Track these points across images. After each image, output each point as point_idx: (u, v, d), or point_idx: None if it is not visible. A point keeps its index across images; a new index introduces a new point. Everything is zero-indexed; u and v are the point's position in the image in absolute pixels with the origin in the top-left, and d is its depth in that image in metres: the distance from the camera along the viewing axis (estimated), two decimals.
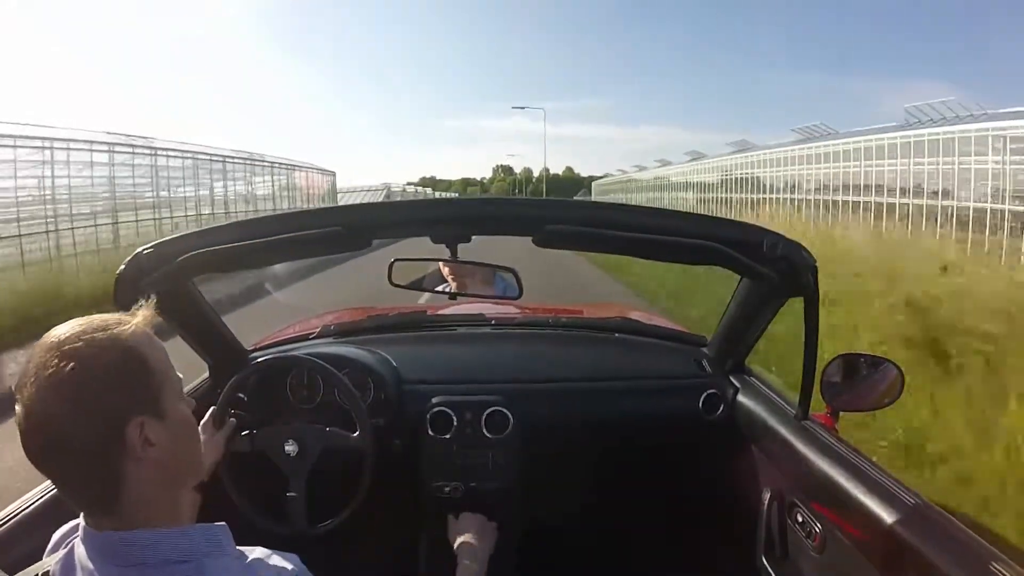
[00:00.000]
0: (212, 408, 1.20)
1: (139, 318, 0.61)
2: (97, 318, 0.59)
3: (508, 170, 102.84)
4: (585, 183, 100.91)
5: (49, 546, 0.66)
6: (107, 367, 0.56)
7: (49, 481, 0.93)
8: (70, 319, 0.59)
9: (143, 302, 0.63)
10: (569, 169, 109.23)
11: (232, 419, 1.21)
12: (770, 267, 1.01)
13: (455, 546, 1.18)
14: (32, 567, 0.63)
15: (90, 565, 0.58)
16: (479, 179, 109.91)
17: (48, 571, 0.62)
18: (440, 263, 1.56)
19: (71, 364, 0.54)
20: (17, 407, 0.55)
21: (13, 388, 0.56)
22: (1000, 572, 0.73)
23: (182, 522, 0.62)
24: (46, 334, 0.58)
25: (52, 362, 0.55)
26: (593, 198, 37.14)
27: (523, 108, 43.78)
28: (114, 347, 0.57)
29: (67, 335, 0.56)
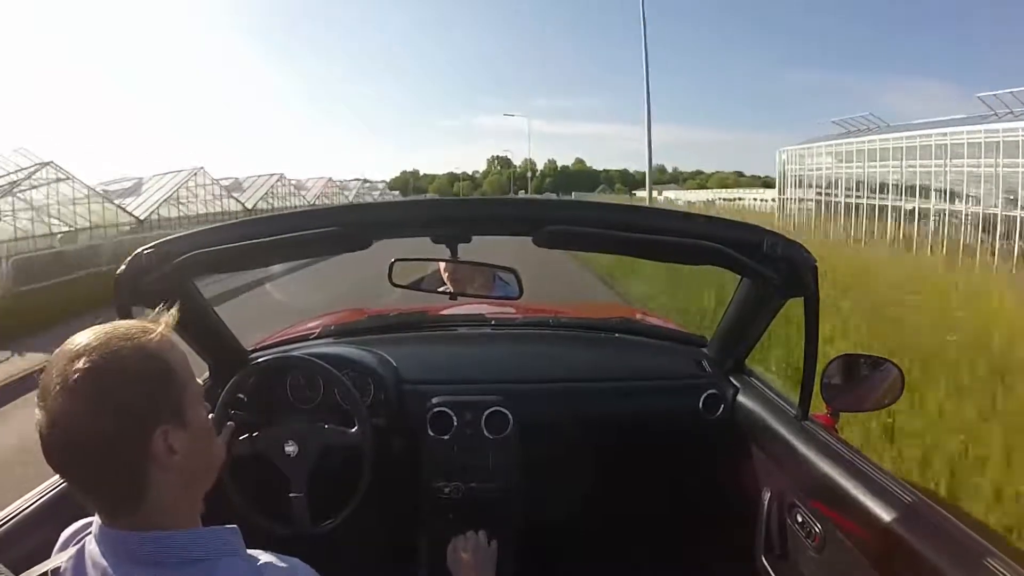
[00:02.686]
0: (212, 411, 1.20)
1: (162, 325, 0.61)
2: (120, 326, 0.59)
3: (505, 162, 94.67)
4: (602, 177, 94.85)
5: (58, 544, 0.67)
6: (133, 377, 0.56)
7: (53, 480, 0.94)
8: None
9: (162, 308, 0.63)
10: (580, 161, 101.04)
11: (231, 422, 1.21)
12: (770, 267, 1.01)
13: (453, 568, 1.18)
14: (42, 564, 0.63)
15: (103, 563, 0.58)
16: (470, 173, 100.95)
17: (58, 568, 0.62)
18: (440, 265, 1.56)
19: (97, 374, 0.54)
20: (39, 415, 0.55)
21: (36, 396, 0.56)
22: (999, 572, 0.73)
23: (196, 524, 0.63)
24: (67, 341, 0.57)
25: (77, 372, 0.54)
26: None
27: (514, 116, 39.58)
28: (140, 356, 0.57)
29: (91, 344, 0.56)
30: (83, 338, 0.57)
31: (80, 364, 0.55)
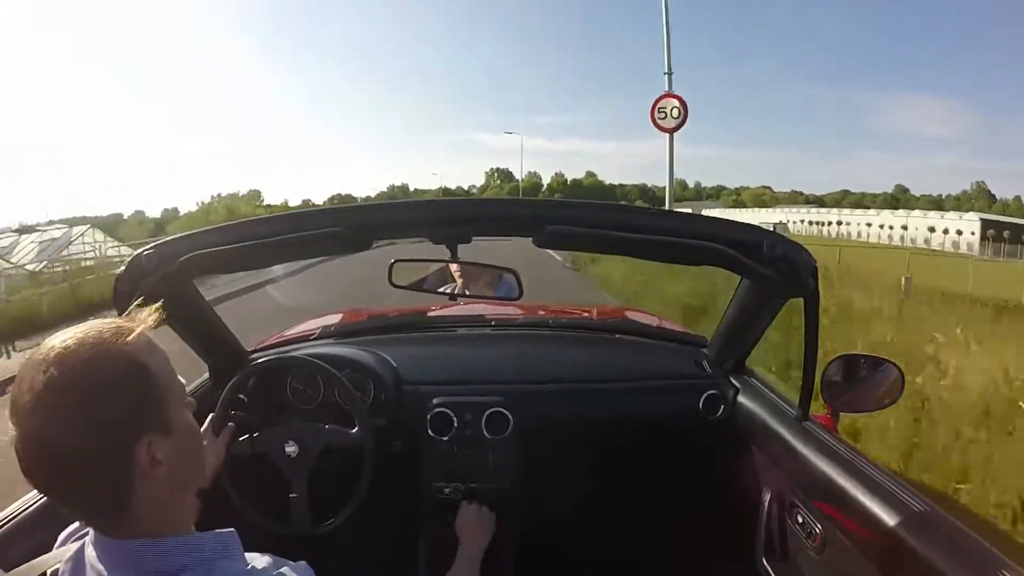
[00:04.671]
0: (212, 414, 1.19)
1: (138, 326, 0.57)
2: (93, 328, 0.55)
3: (506, 175, 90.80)
4: (617, 193, 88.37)
5: (56, 544, 0.66)
6: (110, 386, 0.53)
7: None
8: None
9: (140, 304, 0.60)
10: (592, 175, 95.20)
11: (231, 423, 1.21)
12: (770, 268, 1.01)
13: (457, 536, 1.26)
14: (39, 561, 0.63)
15: (100, 567, 0.57)
16: (466, 188, 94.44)
17: (56, 569, 0.61)
18: (439, 266, 1.56)
19: (72, 388, 0.52)
20: (13, 431, 0.52)
21: (8, 411, 0.53)
22: (1000, 572, 0.73)
23: (188, 526, 0.62)
24: (39, 348, 0.54)
25: (51, 383, 0.51)
26: None
27: (511, 133, 35.44)
28: (116, 363, 0.54)
29: (63, 351, 0.53)
30: (55, 345, 0.54)
31: (53, 377, 0.51)
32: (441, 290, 1.62)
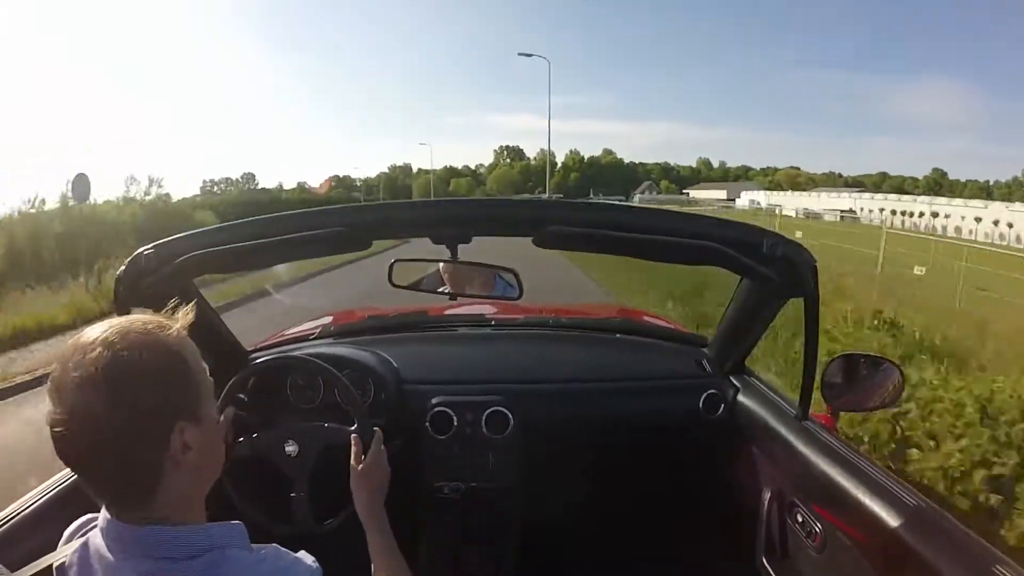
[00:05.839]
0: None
1: (179, 321, 0.61)
2: (137, 320, 0.59)
3: (517, 153, 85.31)
4: (639, 172, 79.89)
5: (63, 538, 0.67)
6: (153, 371, 0.56)
7: (53, 480, 0.94)
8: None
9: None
10: (610, 153, 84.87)
11: (231, 426, 1.21)
12: (771, 267, 1.01)
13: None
14: (46, 557, 0.63)
15: (109, 556, 0.59)
16: (472, 167, 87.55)
17: (63, 563, 0.62)
18: (440, 265, 1.56)
19: (118, 369, 0.54)
20: (53, 408, 0.55)
21: (48, 390, 0.55)
22: (999, 571, 0.73)
23: (202, 519, 0.64)
24: (82, 334, 0.57)
25: (95, 364, 0.54)
26: None
27: (530, 56, 32.62)
28: (159, 350, 0.57)
29: (109, 337, 0.55)
30: (100, 332, 0.56)
31: (100, 358, 0.54)
32: (440, 290, 1.62)
